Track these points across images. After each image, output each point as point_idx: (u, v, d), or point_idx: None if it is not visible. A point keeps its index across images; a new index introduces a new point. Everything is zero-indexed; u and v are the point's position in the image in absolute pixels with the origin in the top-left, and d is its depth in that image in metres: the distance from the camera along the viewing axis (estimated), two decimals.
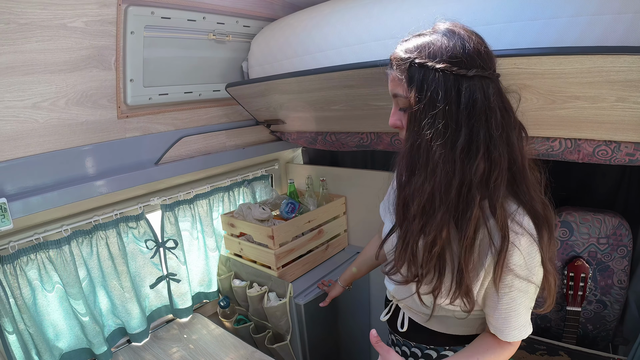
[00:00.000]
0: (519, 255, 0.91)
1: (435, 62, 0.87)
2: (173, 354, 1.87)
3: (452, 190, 0.89)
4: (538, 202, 0.93)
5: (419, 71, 0.90)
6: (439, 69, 0.87)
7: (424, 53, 0.90)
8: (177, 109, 1.89)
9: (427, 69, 0.89)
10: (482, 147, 0.87)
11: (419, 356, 1.22)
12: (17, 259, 1.53)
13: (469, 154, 0.88)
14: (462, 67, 0.86)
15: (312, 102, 1.76)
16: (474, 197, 0.89)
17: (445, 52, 0.87)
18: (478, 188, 0.89)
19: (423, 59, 0.89)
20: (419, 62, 0.90)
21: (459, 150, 0.87)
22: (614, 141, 1.22)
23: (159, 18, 1.55)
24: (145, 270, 1.96)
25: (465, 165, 0.88)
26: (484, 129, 0.87)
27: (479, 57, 0.87)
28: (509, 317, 0.98)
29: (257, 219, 2.11)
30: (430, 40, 0.90)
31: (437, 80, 0.87)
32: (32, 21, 1.25)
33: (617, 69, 0.97)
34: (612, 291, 1.74)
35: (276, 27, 1.81)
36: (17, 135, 1.40)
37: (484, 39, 0.92)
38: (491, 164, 0.88)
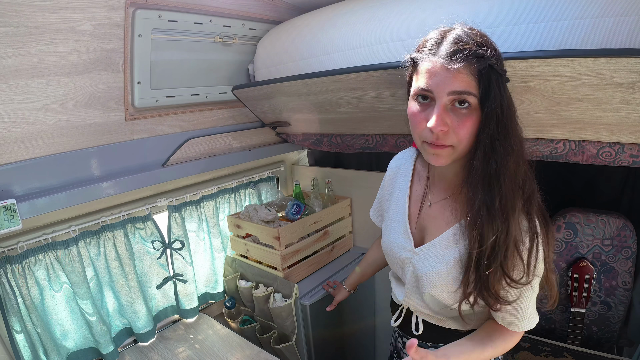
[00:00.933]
0: (521, 249, 0.94)
1: (498, 61, 0.88)
2: (179, 354, 1.88)
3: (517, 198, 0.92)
4: (538, 203, 0.96)
5: (490, 69, 0.86)
6: (498, 69, 0.87)
7: (493, 50, 0.87)
8: (183, 111, 1.91)
9: (492, 68, 0.86)
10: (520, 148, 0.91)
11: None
12: (26, 259, 1.55)
13: (521, 142, 0.92)
14: (501, 66, 0.89)
15: (318, 104, 1.77)
16: (535, 200, 0.93)
17: (491, 49, 0.86)
18: (534, 193, 0.94)
19: (494, 58, 0.87)
20: (491, 60, 0.86)
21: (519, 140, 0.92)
22: (618, 142, 1.22)
23: (166, 21, 1.57)
24: (152, 271, 1.98)
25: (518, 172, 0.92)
26: (513, 130, 0.90)
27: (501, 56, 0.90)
28: (518, 310, 1.01)
29: (263, 220, 2.12)
30: (486, 36, 0.89)
31: (496, 81, 0.86)
32: (41, 24, 1.27)
33: (620, 71, 0.98)
34: (616, 292, 1.75)
35: (282, 30, 1.83)
36: (26, 136, 1.42)
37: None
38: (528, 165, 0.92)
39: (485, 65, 0.84)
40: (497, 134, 0.88)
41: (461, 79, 0.85)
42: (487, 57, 0.84)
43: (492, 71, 0.85)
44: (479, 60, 0.84)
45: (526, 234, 0.94)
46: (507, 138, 0.88)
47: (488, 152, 0.89)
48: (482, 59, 0.84)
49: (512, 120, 0.90)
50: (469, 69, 0.85)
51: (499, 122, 0.87)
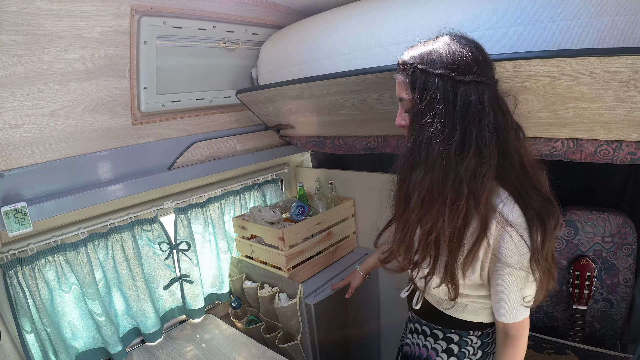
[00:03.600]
0: (509, 243, 1.00)
1: (435, 68, 0.96)
2: (186, 353, 1.91)
3: (448, 184, 0.98)
4: (536, 200, 1.00)
5: (421, 76, 0.99)
6: (438, 74, 0.96)
7: (426, 59, 0.99)
8: (189, 115, 1.93)
9: (428, 73, 0.98)
10: (474, 145, 0.95)
11: (428, 334, 1.34)
12: (36, 261, 1.59)
13: (462, 152, 0.96)
14: (459, 73, 0.95)
15: (320, 107, 1.79)
16: (463, 190, 0.97)
17: (445, 59, 0.96)
18: (468, 183, 0.96)
19: (425, 65, 0.99)
20: (421, 68, 0.99)
21: (453, 148, 0.96)
22: (615, 140, 1.24)
23: (170, 28, 1.60)
24: (159, 272, 2.01)
25: (458, 162, 0.96)
26: (476, 129, 0.95)
27: (476, 65, 0.95)
28: (502, 299, 1.07)
29: (268, 222, 2.14)
30: (432, 48, 1.00)
31: (436, 84, 0.97)
32: (49, 32, 1.31)
33: (614, 69, 1.00)
34: (618, 289, 1.76)
35: (284, 35, 1.85)
36: (36, 141, 1.45)
37: (483, 48, 1.00)
38: (482, 161, 0.96)
39: (414, 71, 1.00)
40: (420, 129, 1.01)
41: (400, 86, 1.07)
42: (414, 63, 1.00)
43: (421, 74, 0.99)
44: (409, 69, 1.02)
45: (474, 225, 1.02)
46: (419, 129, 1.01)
47: (411, 145, 1.04)
48: (412, 67, 1.01)
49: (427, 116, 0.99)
50: (404, 78, 1.04)
51: (418, 117, 1.01)
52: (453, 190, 0.98)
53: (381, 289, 2.51)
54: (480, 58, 0.97)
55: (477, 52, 0.97)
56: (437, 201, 1.00)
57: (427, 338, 1.35)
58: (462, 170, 0.96)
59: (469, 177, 0.96)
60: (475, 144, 0.95)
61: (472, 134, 0.95)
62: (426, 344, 1.35)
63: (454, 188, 0.97)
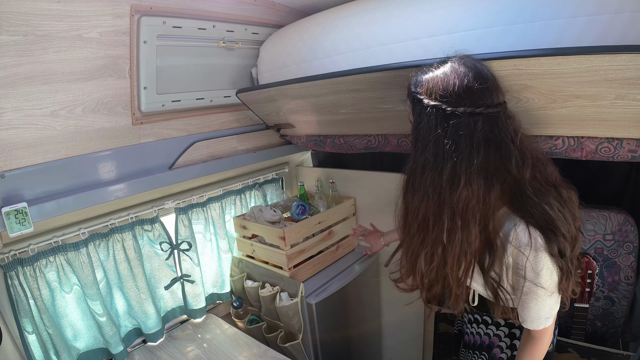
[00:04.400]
0: (525, 262, 1.00)
1: (430, 99, 0.99)
2: (188, 353, 1.91)
3: (444, 215, 0.99)
4: (540, 213, 0.99)
5: (418, 104, 1.03)
6: (431, 105, 0.98)
7: (423, 88, 1.02)
8: (189, 115, 1.93)
9: (423, 104, 1.01)
10: (464, 178, 0.96)
11: (489, 323, 1.43)
12: (37, 261, 1.59)
13: (453, 184, 0.97)
14: (449, 105, 0.96)
15: (320, 106, 1.79)
16: (457, 222, 0.98)
17: (438, 90, 0.98)
18: (461, 214, 0.98)
19: (422, 94, 1.02)
20: (418, 98, 1.03)
21: (444, 178, 0.97)
22: (616, 138, 1.24)
23: (170, 27, 1.60)
24: (160, 272, 2.01)
25: (451, 193, 0.97)
26: (466, 163, 0.95)
27: (470, 95, 0.96)
28: (524, 308, 1.09)
29: (269, 221, 2.15)
30: (432, 77, 1.02)
31: (428, 115, 0.99)
32: (49, 33, 1.30)
33: (614, 67, 0.99)
34: (619, 287, 1.76)
35: (284, 34, 1.85)
36: (37, 142, 1.45)
37: (484, 74, 0.99)
38: (472, 193, 0.96)
39: (414, 99, 1.04)
40: (416, 156, 1.03)
41: (408, 109, 1.10)
42: (414, 92, 1.04)
43: (418, 103, 1.03)
44: (411, 96, 1.06)
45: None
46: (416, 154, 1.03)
47: (409, 170, 1.06)
48: (413, 95, 1.05)
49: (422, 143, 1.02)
50: (409, 103, 1.08)
51: (415, 143, 1.04)
52: (448, 220, 0.99)
53: (382, 288, 2.52)
54: (476, 87, 0.96)
55: (473, 80, 0.96)
56: (434, 230, 1.02)
57: (488, 327, 1.41)
58: (454, 202, 0.97)
59: (461, 209, 0.97)
60: (466, 176, 0.96)
61: (462, 167, 0.96)
62: (488, 332, 1.42)
63: (449, 218, 0.99)
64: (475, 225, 0.98)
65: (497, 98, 1.00)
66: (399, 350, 2.56)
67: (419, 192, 1.02)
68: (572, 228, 1.02)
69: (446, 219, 0.99)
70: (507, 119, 1.00)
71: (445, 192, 0.97)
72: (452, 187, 0.97)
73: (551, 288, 1.03)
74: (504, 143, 0.97)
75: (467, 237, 0.99)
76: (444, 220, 0.99)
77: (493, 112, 0.97)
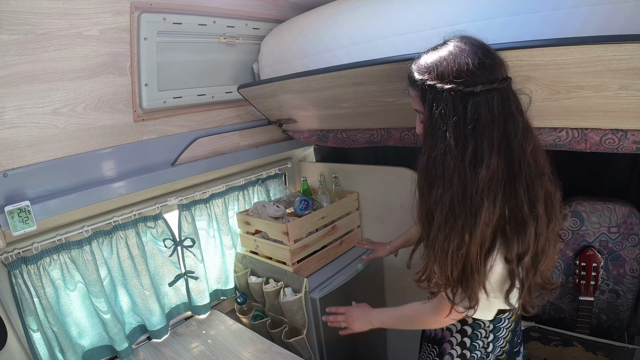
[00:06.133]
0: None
1: (443, 83, 0.96)
2: (192, 349, 1.91)
3: (467, 198, 0.96)
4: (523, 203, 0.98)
5: (430, 92, 0.99)
6: (447, 89, 0.95)
7: (433, 74, 0.98)
8: (191, 111, 1.93)
9: (436, 89, 0.97)
10: (486, 156, 0.94)
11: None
12: (41, 260, 1.60)
13: (475, 164, 0.95)
14: (467, 85, 0.93)
15: (322, 100, 1.78)
16: (482, 202, 0.95)
17: (452, 72, 0.95)
18: (487, 193, 0.95)
19: (433, 80, 0.98)
20: (429, 84, 0.99)
21: (467, 161, 0.95)
22: (621, 129, 1.22)
23: (170, 24, 1.59)
24: (164, 269, 2.02)
25: (473, 175, 0.95)
26: (487, 140, 0.94)
27: (484, 72, 0.94)
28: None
29: (272, 217, 2.14)
30: (439, 60, 0.99)
31: (445, 99, 0.96)
32: (49, 31, 1.30)
33: (618, 57, 0.98)
34: (624, 280, 1.75)
35: (285, 29, 1.84)
36: (38, 140, 1.45)
37: (489, 50, 0.98)
38: (492, 170, 0.95)
39: (423, 87, 1.01)
40: (433, 144, 1.01)
41: (413, 100, 1.09)
42: (423, 79, 1.00)
43: (430, 90, 0.99)
44: (418, 85, 1.02)
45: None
46: (432, 144, 1.01)
47: (425, 161, 1.04)
48: (421, 83, 1.01)
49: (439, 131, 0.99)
50: (415, 92, 1.06)
51: (430, 131, 1.02)
52: (473, 202, 0.96)
53: (387, 282, 2.51)
54: (488, 63, 0.95)
55: (483, 57, 0.95)
56: (460, 216, 0.98)
57: None
58: (478, 182, 0.95)
59: (486, 188, 0.95)
60: (489, 154, 0.94)
61: (484, 145, 0.94)
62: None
63: (473, 200, 0.96)
64: (497, 202, 0.96)
65: (506, 72, 0.99)
66: (404, 345, 2.55)
67: (442, 182, 0.99)
68: (543, 234, 1.02)
69: (470, 202, 0.96)
70: (514, 93, 1.00)
71: (469, 175, 0.95)
72: (475, 168, 0.95)
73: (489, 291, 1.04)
74: (514, 117, 0.97)
75: (492, 215, 0.96)
76: (468, 204, 0.97)
77: (505, 86, 0.96)
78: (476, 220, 0.96)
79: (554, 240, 1.07)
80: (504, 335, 1.27)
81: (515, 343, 1.31)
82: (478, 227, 0.96)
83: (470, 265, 1.01)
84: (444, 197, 0.99)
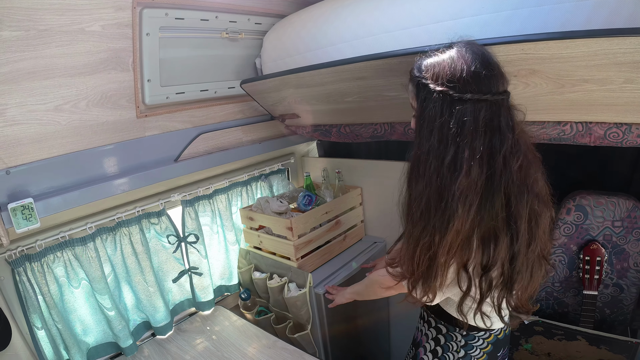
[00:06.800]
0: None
1: (436, 84, 0.97)
2: (197, 346, 1.92)
3: (444, 202, 0.98)
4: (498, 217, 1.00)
5: (423, 90, 1.01)
6: (437, 90, 0.97)
7: (429, 73, 1.00)
8: (193, 106, 1.92)
9: (429, 89, 0.99)
10: (465, 164, 0.95)
11: (425, 319, 1.47)
12: (44, 257, 1.60)
13: (455, 171, 0.96)
14: (456, 91, 0.95)
15: (325, 95, 1.77)
16: (457, 209, 0.96)
17: (446, 76, 0.97)
18: (461, 202, 0.96)
19: (427, 80, 1.00)
20: (423, 83, 1.01)
21: (445, 165, 0.96)
22: (625, 123, 1.22)
23: (172, 19, 1.58)
24: (168, 265, 2.02)
25: (452, 180, 0.96)
26: (469, 149, 0.95)
27: (476, 82, 0.95)
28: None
29: (275, 212, 2.14)
30: (438, 61, 1.00)
31: (434, 101, 0.98)
32: (51, 27, 1.29)
33: (623, 50, 0.98)
34: (628, 274, 1.74)
35: (287, 23, 1.83)
36: (41, 137, 1.45)
37: (491, 61, 0.98)
38: (471, 182, 0.95)
39: (418, 84, 1.03)
40: (420, 142, 1.03)
41: (410, 95, 1.10)
42: (419, 77, 1.02)
43: (423, 88, 1.01)
44: (415, 81, 1.05)
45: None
46: (420, 141, 1.03)
47: (413, 156, 1.06)
48: (418, 80, 1.03)
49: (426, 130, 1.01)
50: (412, 88, 1.08)
51: (419, 129, 1.04)
52: (448, 207, 0.98)
53: None
54: (484, 74, 0.95)
55: (480, 67, 0.95)
56: (434, 217, 1.00)
57: (424, 323, 1.45)
58: (455, 189, 0.96)
59: (462, 199, 0.96)
60: (467, 164, 0.95)
61: (465, 153, 0.95)
62: (422, 328, 1.48)
63: (448, 205, 0.97)
64: (471, 212, 0.97)
65: (502, 86, 0.99)
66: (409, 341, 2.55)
67: (423, 179, 1.01)
68: (520, 255, 1.03)
69: (444, 208, 0.98)
70: (509, 109, 1.00)
71: (447, 179, 0.96)
72: (453, 173, 0.96)
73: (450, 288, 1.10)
74: (502, 132, 0.97)
75: (464, 224, 0.98)
76: (442, 209, 0.98)
77: (497, 99, 0.96)
78: (448, 225, 0.98)
79: (536, 262, 1.08)
80: (477, 355, 1.30)
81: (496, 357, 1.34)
82: (449, 232, 0.98)
83: (435, 266, 1.04)
84: (422, 194, 1.02)
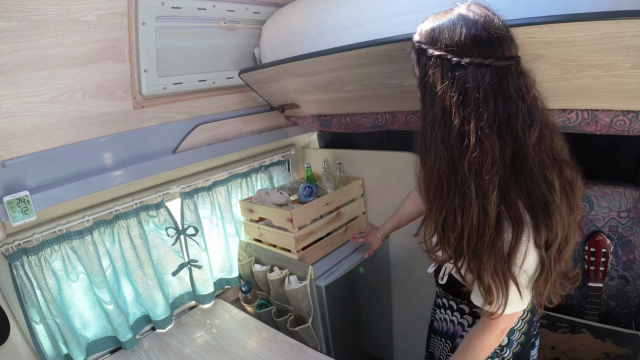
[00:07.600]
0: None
1: (434, 49, 0.92)
2: (197, 339, 1.91)
3: (457, 179, 0.91)
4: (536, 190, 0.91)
5: (423, 55, 0.96)
6: (436, 55, 0.91)
7: (429, 38, 0.94)
8: (191, 97, 1.90)
9: (427, 54, 0.94)
10: (473, 137, 0.87)
11: (454, 309, 1.32)
12: (42, 251, 1.58)
13: (462, 142, 0.89)
14: (455, 55, 0.89)
15: (325, 83, 1.75)
16: (471, 188, 0.90)
17: (444, 40, 0.91)
18: (474, 180, 0.89)
19: (426, 44, 0.94)
20: (422, 48, 0.95)
21: (452, 136, 0.90)
22: (632, 111, 1.19)
23: (169, 8, 1.55)
24: (167, 258, 2.00)
25: (462, 153, 0.89)
26: (475, 120, 0.88)
27: (477, 45, 0.88)
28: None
29: (276, 204, 2.13)
30: (438, 25, 0.93)
31: (433, 66, 0.92)
32: (45, 17, 1.27)
33: (631, 34, 0.94)
34: (634, 266, 1.71)
35: (286, 12, 1.80)
36: (37, 129, 1.43)
37: (494, 24, 0.90)
38: (485, 154, 0.87)
39: (418, 50, 0.98)
40: (425, 111, 0.98)
41: (413, 64, 1.03)
42: (419, 42, 0.97)
43: (422, 54, 0.96)
44: (414, 47, 1.00)
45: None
46: (424, 111, 0.98)
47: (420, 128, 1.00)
48: (417, 46, 0.98)
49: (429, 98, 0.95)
50: (413, 55, 1.02)
51: (423, 98, 0.99)
52: (462, 187, 0.91)
53: (392, 269, 2.50)
54: (485, 37, 0.87)
55: (482, 30, 0.88)
56: (450, 196, 0.94)
57: (453, 313, 1.33)
58: (466, 166, 0.89)
59: (474, 174, 0.89)
60: (475, 135, 0.87)
61: (471, 124, 0.87)
62: (453, 319, 1.34)
63: (463, 185, 0.91)
64: (494, 191, 0.89)
65: (509, 51, 0.91)
66: (410, 334, 2.55)
67: (431, 153, 0.95)
68: (565, 222, 0.94)
69: (460, 186, 0.91)
70: (519, 75, 0.91)
71: (456, 151, 0.90)
72: (461, 145, 0.89)
73: (523, 281, 0.97)
74: (513, 100, 0.89)
75: (484, 206, 0.90)
76: (458, 187, 0.91)
77: (503, 65, 0.88)
78: (471, 202, 0.90)
79: (575, 229, 1.01)
80: (519, 327, 1.23)
81: (531, 334, 1.28)
82: (470, 213, 0.91)
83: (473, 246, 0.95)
84: (434, 169, 0.96)
